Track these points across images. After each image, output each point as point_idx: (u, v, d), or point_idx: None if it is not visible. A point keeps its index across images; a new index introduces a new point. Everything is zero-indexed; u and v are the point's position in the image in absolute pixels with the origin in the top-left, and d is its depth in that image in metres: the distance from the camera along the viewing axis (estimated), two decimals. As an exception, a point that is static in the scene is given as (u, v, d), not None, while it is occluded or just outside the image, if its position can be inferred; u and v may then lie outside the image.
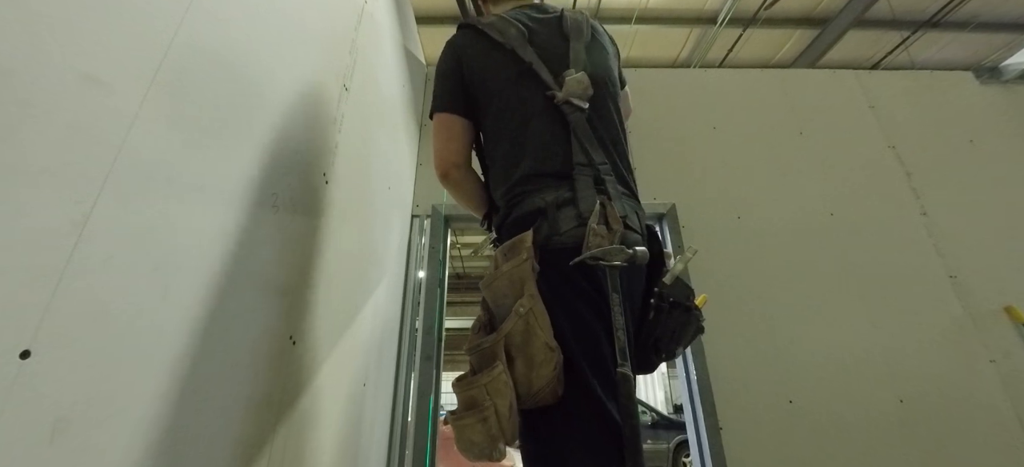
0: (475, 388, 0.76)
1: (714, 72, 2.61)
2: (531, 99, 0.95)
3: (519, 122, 0.95)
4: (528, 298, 0.78)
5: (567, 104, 0.93)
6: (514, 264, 0.81)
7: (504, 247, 0.85)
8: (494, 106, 0.98)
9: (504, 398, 0.75)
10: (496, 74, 0.99)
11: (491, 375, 0.75)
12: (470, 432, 0.75)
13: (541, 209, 0.87)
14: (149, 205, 0.60)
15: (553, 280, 0.82)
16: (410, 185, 2.16)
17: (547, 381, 0.76)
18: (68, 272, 0.49)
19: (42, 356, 0.46)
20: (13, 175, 0.45)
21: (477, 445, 0.75)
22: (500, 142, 0.98)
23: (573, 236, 0.83)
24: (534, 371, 0.76)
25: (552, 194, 0.87)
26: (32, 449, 0.45)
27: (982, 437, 1.73)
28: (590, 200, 0.86)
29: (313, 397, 1.05)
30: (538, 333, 0.77)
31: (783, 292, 1.98)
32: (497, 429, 0.74)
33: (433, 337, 1.88)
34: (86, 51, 0.53)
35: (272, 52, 0.94)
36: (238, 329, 0.78)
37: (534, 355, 0.77)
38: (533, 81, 0.96)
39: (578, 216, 0.85)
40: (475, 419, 0.74)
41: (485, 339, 0.80)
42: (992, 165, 2.30)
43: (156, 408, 0.60)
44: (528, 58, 0.96)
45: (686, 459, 5.64)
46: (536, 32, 1.01)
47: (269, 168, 0.90)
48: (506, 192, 0.94)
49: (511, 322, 0.78)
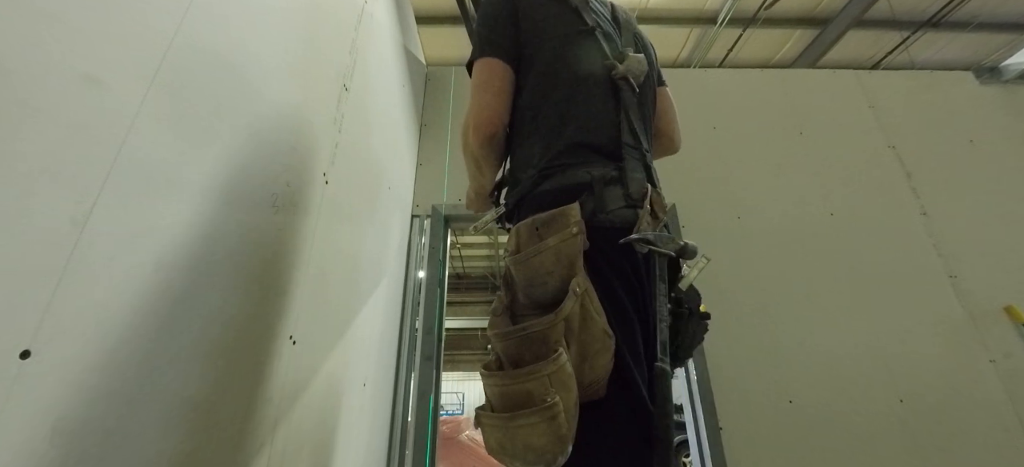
0: (534, 379, 0.63)
1: (714, 72, 2.61)
2: (588, 64, 0.87)
3: (570, 85, 0.86)
4: (583, 278, 0.69)
5: (625, 80, 0.87)
6: (562, 238, 0.71)
7: (537, 219, 0.75)
8: (545, 59, 0.88)
9: (570, 392, 0.63)
10: (555, 27, 0.90)
11: (557, 364, 0.63)
12: (530, 434, 0.61)
13: (587, 183, 0.78)
14: (149, 205, 0.60)
15: (596, 261, 0.73)
16: (410, 185, 2.16)
17: (603, 372, 0.67)
18: (68, 272, 0.49)
19: (42, 356, 0.46)
20: (13, 175, 0.45)
21: (537, 450, 0.61)
22: (545, 101, 0.87)
23: (620, 216, 0.76)
24: (588, 361, 0.67)
25: (599, 169, 0.79)
26: (32, 449, 0.45)
27: (982, 437, 1.73)
28: (640, 183, 0.80)
29: (313, 397, 1.05)
30: (595, 318, 0.68)
31: (783, 292, 1.98)
32: (567, 429, 0.62)
33: (433, 337, 1.88)
34: (86, 51, 0.53)
35: (272, 52, 0.94)
36: (238, 329, 0.78)
37: (590, 342, 0.67)
38: (593, 46, 0.89)
39: (626, 197, 0.78)
40: (540, 418, 0.61)
41: (534, 322, 0.68)
42: (992, 165, 2.30)
43: (156, 408, 0.60)
44: (590, 21, 0.90)
45: (686, 459, 5.64)
46: (592, 4, 0.96)
47: (269, 168, 0.90)
48: (542, 157, 0.83)
49: (571, 302, 0.67)
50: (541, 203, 0.78)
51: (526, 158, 0.87)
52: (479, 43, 0.92)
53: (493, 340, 0.73)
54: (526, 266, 0.74)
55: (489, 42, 0.91)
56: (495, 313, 0.78)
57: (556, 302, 0.69)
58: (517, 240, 0.77)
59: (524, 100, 0.90)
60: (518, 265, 0.75)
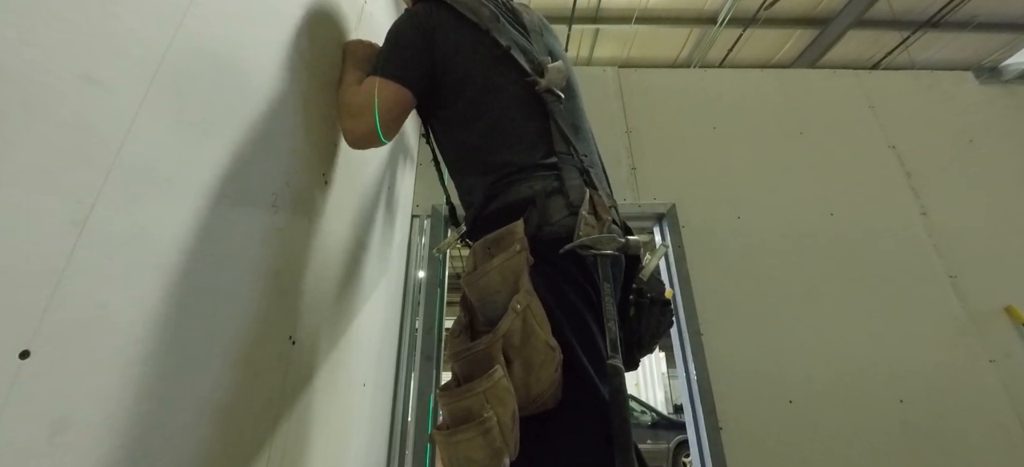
0: (471, 397, 0.66)
1: (714, 72, 2.61)
2: (509, 85, 0.90)
3: (497, 109, 0.89)
4: (524, 294, 0.71)
5: (549, 93, 0.89)
6: (506, 256, 0.74)
7: (488, 240, 0.79)
8: (469, 91, 0.90)
9: (507, 406, 0.66)
10: (471, 56, 0.91)
11: (491, 380, 0.66)
12: (467, 448, 0.65)
13: (530, 197, 0.81)
14: (149, 205, 0.60)
15: (546, 272, 0.76)
16: (410, 185, 2.16)
17: (549, 384, 0.70)
18: (68, 272, 0.48)
19: (42, 356, 0.46)
20: (13, 175, 0.45)
21: (476, 463, 0.65)
22: (473, 130, 0.90)
23: (564, 225, 0.79)
24: (533, 374, 0.69)
25: (540, 183, 0.82)
26: (32, 449, 0.45)
27: (982, 437, 1.73)
28: (578, 189, 0.82)
29: (313, 397, 1.05)
30: (538, 332, 0.70)
31: (783, 292, 1.98)
32: (501, 442, 0.65)
33: (433, 337, 1.88)
34: (86, 51, 0.53)
35: (272, 52, 0.94)
36: (238, 329, 0.78)
37: (533, 356, 0.70)
38: (512, 67, 0.91)
39: (568, 205, 0.81)
40: (475, 433, 0.64)
41: (477, 342, 0.71)
42: (992, 165, 2.30)
43: (156, 408, 0.60)
44: (506, 42, 0.91)
45: (686, 459, 5.64)
46: (502, 19, 0.96)
47: (269, 168, 0.90)
48: (484, 180, 0.87)
49: (508, 320, 0.70)
50: (491, 223, 0.81)
51: (470, 187, 0.91)
52: (382, 62, 0.92)
53: (450, 360, 0.76)
54: (476, 287, 0.77)
55: (394, 63, 0.91)
56: (453, 334, 0.80)
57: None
58: (474, 260, 0.80)
59: (454, 135, 0.94)
60: (470, 286, 0.78)
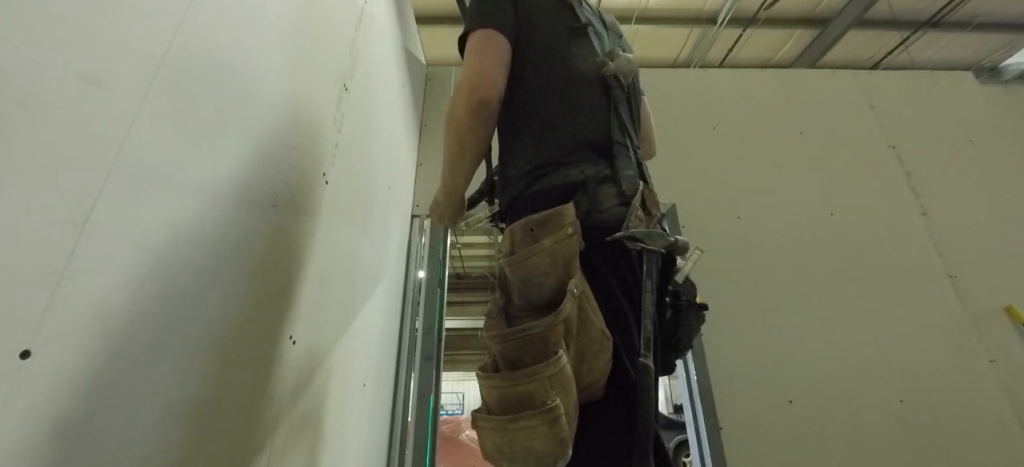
0: (535, 381, 0.62)
1: (714, 72, 2.61)
2: (581, 61, 0.88)
3: (564, 81, 0.86)
4: (579, 278, 0.68)
5: (615, 79, 0.87)
6: (557, 238, 0.70)
7: (532, 220, 0.74)
8: (538, 53, 0.87)
9: (570, 394, 0.63)
10: (550, 22, 0.89)
11: (557, 366, 0.62)
12: (531, 438, 0.60)
13: (581, 182, 0.77)
14: (149, 205, 0.60)
15: (593, 261, 0.73)
16: (410, 185, 2.16)
17: (600, 373, 0.67)
18: (68, 272, 0.49)
19: (42, 356, 0.46)
20: (13, 175, 0.45)
21: (537, 454, 0.60)
22: (540, 96, 0.86)
23: (614, 215, 0.76)
24: (586, 363, 0.66)
25: (591, 168, 0.79)
26: (32, 449, 0.45)
27: (982, 437, 1.73)
28: (632, 180, 0.79)
29: (313, 397, 1.05)
30: (593, 319, 0.68)
31: (783, 292, 1.98)
32: (568, 432, 0.61)
33: (433, 337, 1.88)
34: (86, 51, 0.53)
35: (272, 52, 0.94)
36: (238, 329, 0.78)
37: (588, 344, 0.67)
38: (586, 44, 0.89)
39: (620, 194, 0.78)
40: (542, 421, 0.59)
41: (534, 323, 0.66)
42: (992, 165, 2.30)
43: (156, 408, 0.60)
44: (585, 18, 0.90)
45: (686, 459, 5.64)
46: (584, 5, 0.97)
47: (269, 168, 0.90)
48: (536, 154, 0.83)
49: (569, 304, 0.66)
50: (535, 204, 0.77)
51: (519, 152, 0.86)
52: (476, 15, 0.88)
53: (490, 342, 0.72)
54: (521, 267, 0.72)
55: (488, 15, 0.87)
56: (490, 315, 0.76)
57: (552, 304, 0.68)
58: (512, 241, 0.76)
59: (517, 94, 0.88)
60: (513, 266, 0.74)
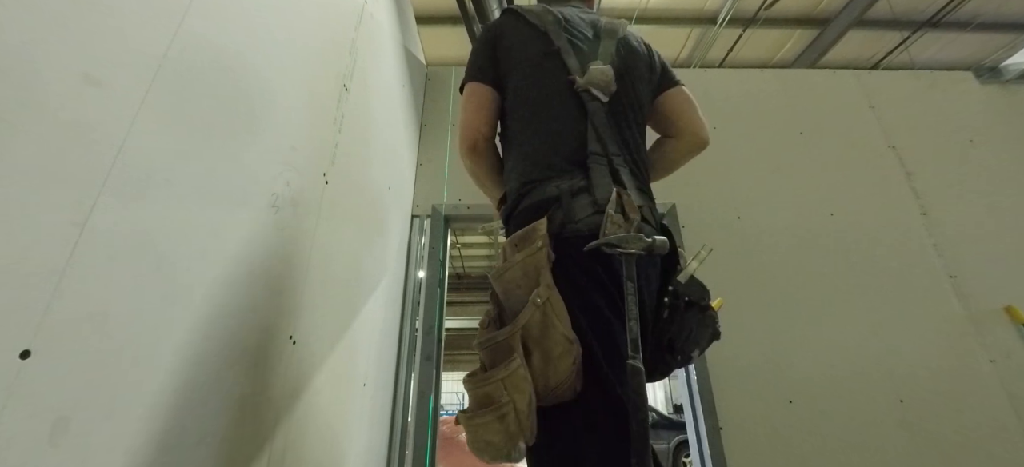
0: (491, 384, 0.72)
1: (714, 72, 2.61)
2: (552, 80, 0.95)
3: (536, 102, 0.95)
4: (545, 288, 0.75)
5: (586, 92, 0.93)
6: (527, 253, 0.78)
7: (515, 237, 0.82)
8: (515, 79, 0.98)
9: (523, 394, 0.71)
10: (524, 50, 0.99)
11: (509, 369, 0.72)
12: (486, 431, 0.71)
13: (555, 197, 0.84)
14: (149, 205, 0.60)
15: (569, 269, 0.79)
16: (410, 185, 2.16)
17: (566, 376, 0.73)
18: (68, 272, 0.49)
19: (42, 356, 0.46)
20: (13, 175, 0.45)
21: (493, 446, 0.71)
22: (517, 120, 0.97)
23: (589, 224, 0.81)
24: (552, 365, 0.73)
25: (566, 182, 0.85)
26: (32, 449, 0.45)
27: (982, 437, 1.73)
28: (606, 188, 0.84)
29: (313, 397, 1.05)
30: (556, 324, 0.74)
31: (783, 292, 1.98)
32: (516, 427, 0.70)
33: (433, 337, 1.88)
34: (86, 51, 0.53)
35: (272, 52, 0.94)
36: (238, 329, 0.78)
37: (552, 348, 0.73)
38: (557, 64, 0.96)
39: (594, 204, 0.83)
40: (492, 417, 0.71)
41: (499, 332, 0.76)
42: (992, 165, 2.30)
43: (156, 408, 0.60)
44: (558, 43, 0.97)
45: (686, 459, 5.64)
46: (573, 23, 1.03)
47: (269, 168, 0.90)
48: (520, 172, 0.92)
49: (528, 313, 0.74)
50: (520, 220, 0.86)
51: (510, 173, 0.97)
52: (465, 72, 1.03)
53: (477, 349, 0.81)
54: (501, 281, 0.81)
55: (470, 68, 1.02)
56: (482, 326, 0.85)
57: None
58: (503, 256, 0.84)
59: (506, 122, 1.01)
60: (496, 281, 0.82)
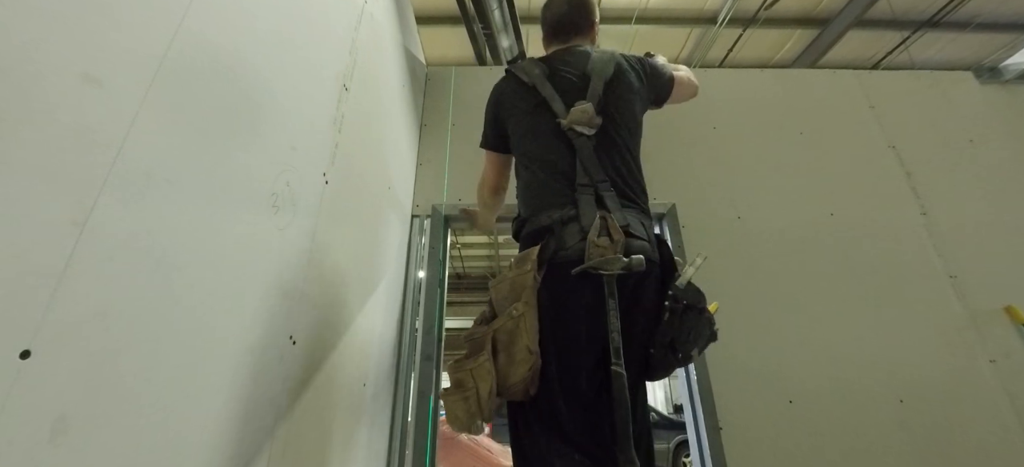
0: (463, 371, 0.91)
1: (714, 72, 2.61)
2: (544, 125, 1.10)
3: (534, 146, 1.11)
4: (523, 304, 0.90)
5: (571, 130, 1.05)
6: (519, 272, 0.94)
7: (517, 257, 0.98)
8: (517, 133, 1.17)
9: (486, 383, 0.88)
10: (518, 107, 1.17)
11: (477, 362, 0.90)
12: (454, 407, 0.90)
13: (549, 226, 0.98)
14: (149, 205, 0.60)
15: (556, 291, 0.93)
16: (410, 185, 2.16)
17: (520, 379, 0.89)
18: (68, 272, 0.49)
19: (42, 356, 0.46)
20: (13, 175, 0.45)
21: (459, 420, 0.90)
22: (519, 163, 1.17)
23: (577, 250, 0.92)
24: (512, 368, 0.89)
25: (558, 212, 0.99)
26: (32, 449, 0.45)
27: (982, 437, 1.73)
28: (590, 216, 0.95)
29: (313, 397, 1.05)
30: (522, 336, 0.89)
31: (783, 292, 1.98)
32: (476, 408, 0.89)
33: (433, 337, 1.88)
34: (86, 51, 0.53)
35: (272, 52, 0.94)
36: (238, 329, 0.79)
37: (515, 354, 0.89)
38: (546, 111, 1.10)
39: (581, 231, 0.94)
40: (459, 397, 0.89)
41: (478, 329, 0.94)
42: (992, 165, 2.30)
43: (156, 408, 0.60)
44: (545, 93, 1.11)
45: (686, 459, 5.63)
46: (558, 71, 1.15)
47: (269, 168, 0.90)
48: (523, 206, 1.10)
49: (502, 320, 0.92)
50: (524, 244, 1.04)
51: (519, 207, 1.15)
52: (482, 134, 1.29)
53: (464, 340, 0.97)
54: (495, 290, 0.98)
55: (484, 135, 1.29)
56: (475, 322, 1.00)
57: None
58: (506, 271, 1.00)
59: (516, 163, 1.22)
60: (492, 287, 1.00)
